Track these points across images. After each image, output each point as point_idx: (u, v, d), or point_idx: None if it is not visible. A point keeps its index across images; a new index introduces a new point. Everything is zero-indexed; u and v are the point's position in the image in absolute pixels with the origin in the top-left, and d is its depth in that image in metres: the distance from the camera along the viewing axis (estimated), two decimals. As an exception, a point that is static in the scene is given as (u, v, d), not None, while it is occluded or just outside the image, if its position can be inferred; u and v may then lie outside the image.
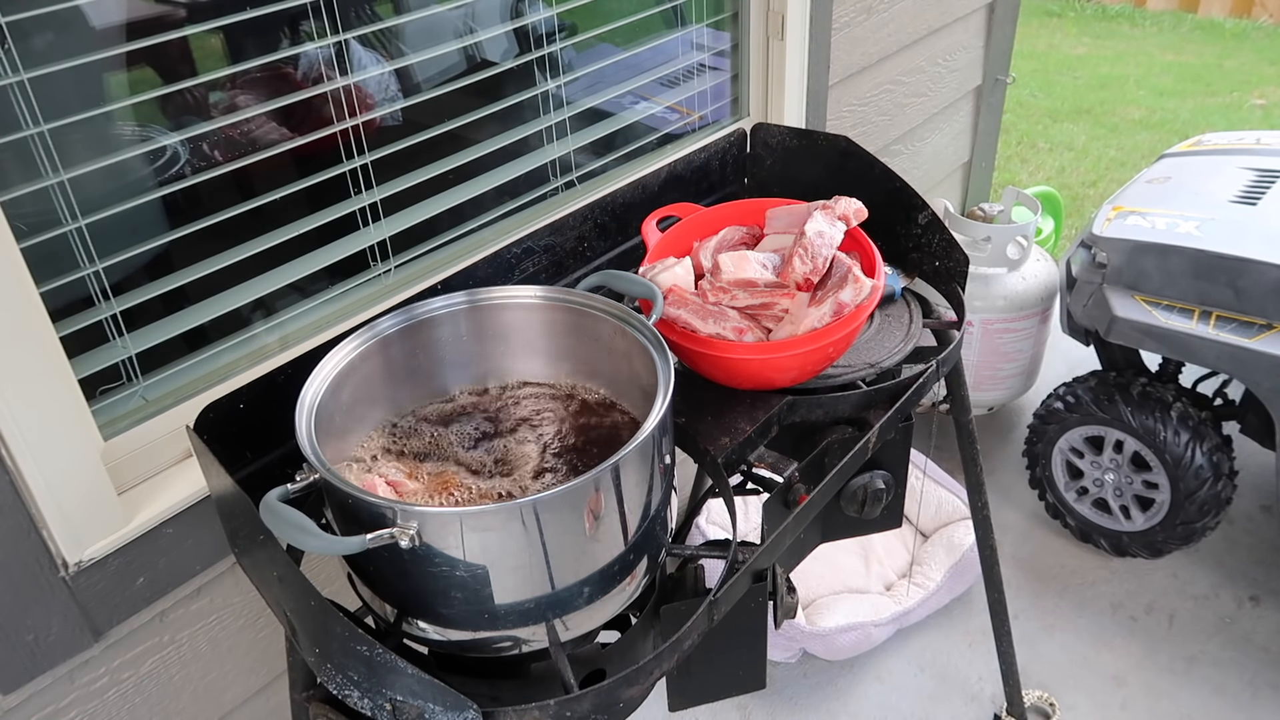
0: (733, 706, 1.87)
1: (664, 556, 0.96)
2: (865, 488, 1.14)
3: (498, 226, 1.47)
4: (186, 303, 1.16)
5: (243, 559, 0.97)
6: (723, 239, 1.21)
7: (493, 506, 0.84)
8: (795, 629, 1.83)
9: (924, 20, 2.16)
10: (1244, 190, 1.90)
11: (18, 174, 0.97)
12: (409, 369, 1.02)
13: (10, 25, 0.93)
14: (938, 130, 2.44)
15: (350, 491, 0.78)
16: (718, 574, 0.94)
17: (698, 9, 1.69)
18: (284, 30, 1.30)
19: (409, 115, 1.37)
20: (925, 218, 1.32)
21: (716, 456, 1.03)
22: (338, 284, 1.30)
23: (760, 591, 0.96)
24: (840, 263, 1.10)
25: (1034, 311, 2.27)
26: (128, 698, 1.15)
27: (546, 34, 1.45)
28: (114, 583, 1.07)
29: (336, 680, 0.79)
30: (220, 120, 1.14)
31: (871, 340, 1.22)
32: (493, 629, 0.84)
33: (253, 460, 1.03)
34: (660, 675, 0.86)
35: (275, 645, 1.30)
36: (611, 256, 1.37)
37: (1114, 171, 3.95)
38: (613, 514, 0.83)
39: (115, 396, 1.11)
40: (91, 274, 1.05)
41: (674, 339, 1.06)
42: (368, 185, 1.28)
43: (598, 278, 1.04)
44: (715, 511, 2.09)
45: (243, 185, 1.20)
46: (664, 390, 0.87)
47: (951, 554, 2.00)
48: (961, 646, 1.97)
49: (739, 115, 1.84)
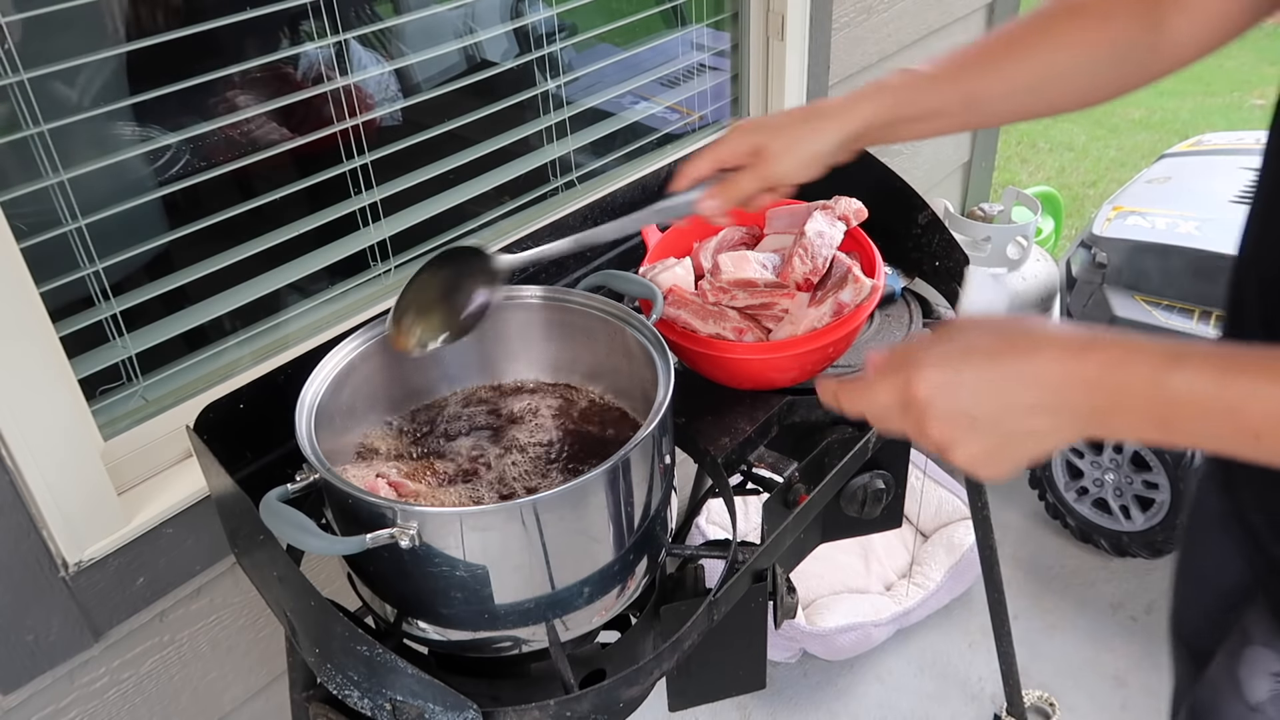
0: (733, 706, 1.87)
1: (664, 556, 0.96)
2: (865, 488, 1.14)
3: (498, 226, 1.47)
4: (186, 303, 1.16)
5: (243, 559, 0.97)
6: (723, 239, 1.21)
7: (493, 506, 0.84)
8: (795, 629, 1.83)
9: (924, 20, 2.16)
10: (1244, 190, 1.90)
11: (18, 174, 0.97)
12: (409, 369, 1.02)
13: (10, 25, 0.93)
14: (938, 130, 2.44)
15: (350, 491, 0.79)
16: (718, 574, 0.94)
17: (698, 9, 1.69)
18: (284, 30, 1.30)
19: (409, 115, 1.37)
20: (925, 218, 1.32)
21: (716, 456, 1.03)
22: (338, 284, 1.30)
23: (760, 591, 0.96)
24: (840, 263, 1.10)
25: (1034, 311, 2.27)
26: (128, 698, 1.15)
27: (546, 34, 1.45)
28: (114, 583, 1.07)
29: (336, 680, 0.79)
30: (220, 120, 1.14)
31: (871, 340, 1.22)
32: (493, 629, 0.84)
33: (253, 460, 1.03)
34: (660, 675, 0.86)
35: (275, 645, 1.30)
36: (611, 257, 1.37)
37: (1114, 171, 3.95)
38: (613, 514, 0.83)
39: (115, 396, 1.11)
40: (91, 274, 1.05)
41: (674, 339, 1.06)
42: (368, 185, 1.28)
43: (598, 278, 1.04)
44: (715, 511, 2.09)
45: (243, 185, 1.20)
46: (664, 390, 0.87)
47: (951, 554, 2.00)
48: (961, 646, 1.97)
49: (739, 115, 1.84)
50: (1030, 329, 0.63)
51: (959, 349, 0.63)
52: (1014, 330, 0.63)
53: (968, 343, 0.63)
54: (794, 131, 0.90)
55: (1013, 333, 0.63)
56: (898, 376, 0.64)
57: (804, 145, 0.90)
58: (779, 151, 0.90)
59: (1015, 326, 0.63)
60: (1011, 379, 0.61)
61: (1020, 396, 0.61)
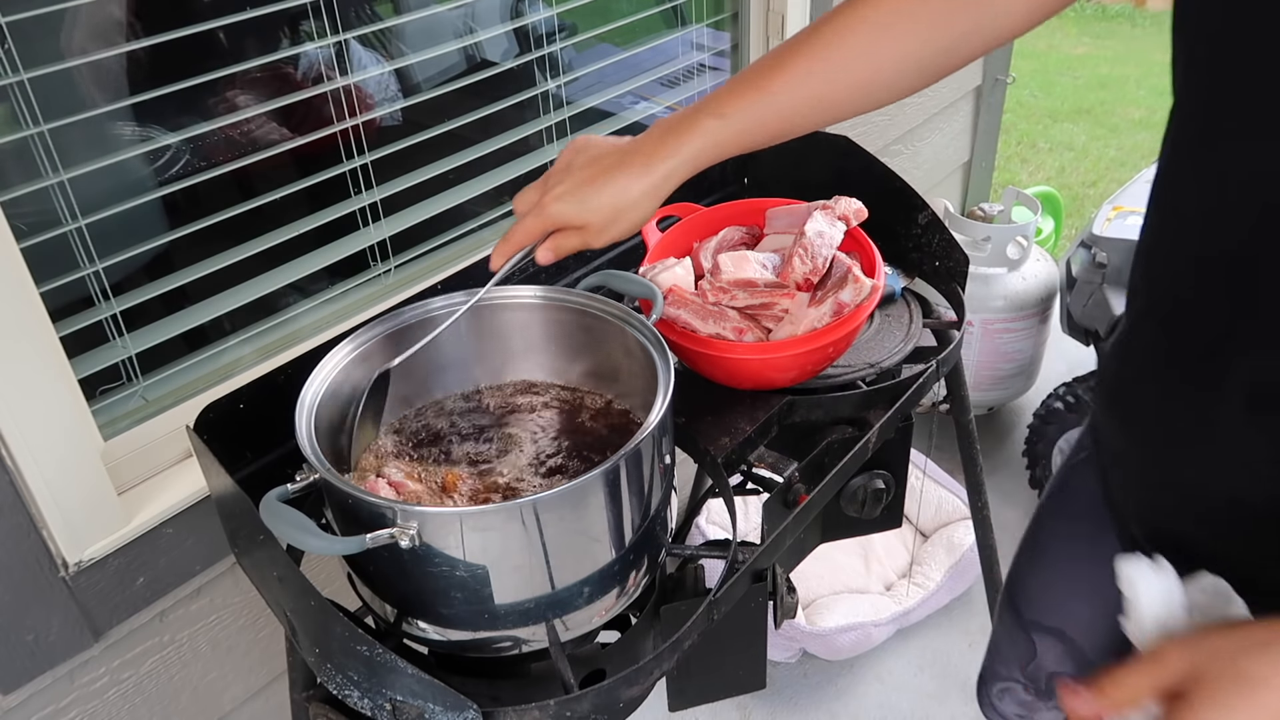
0: (733, 706, 1.87)
1: (664, 556, 0.96)
2: (865, 488, 1.14)
3: (498, 226, 1.47)
4: (186, 303, 1.16)
5: (243, 559, 0.97)
6: (723, 239, 1.21)
7: (493, 506, 0.84)
8: (795, 629, 1.83)
9: (924, 20, 2.15)
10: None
11: (18, 174, 0.97)
12: (409, 369, 1.02)
13: (10, 25, 0.93)
14: (938, 130, 2.44)
15: (350, 491, 0.79)
16: (718, 574, 0.94)
17: (698, 9, 1.69)
18: (284, 30, 1.31)
19: (409, 115, 1.37)
20: (925, 218, 1.32)
21: (716, 456, 1.03)
22: (338, 284, 1.30)
23: (760, 591, 0.96)
24: (840, 263, 1.10)
25: (1034, 311, 2.27)
26: (128, 697, 1.15)
27: (546, 34, 1.45)
28: (114, 583, 1.07)
29: (336, 680, 0.79)
30: (220, 120, 1.14)
31: (871, 340, 1.22)
32: (493, 629, 0.84)
33: (253, 460, 1.03)
34: (660, 675, 0.86)
35: (275, 645, 1.30)
36: (611, 256, 1.37)
37: (1114, 171, 3.95)
38: (613, 514, 0.83)
39: (115, 396, 1.11)
40: (91, 274, 1.05)
41: (674, 339, 1.06)
42: (368, 185, 1.28)
43: (598, 278, 1.04)
44: (715, 511, 2.09)
45: (243, 185, 1.20)
46: (664, 390, 0.87)
47: (951, 554, 2.00)
48: (961, 646, 1.97)
49: (739, 115, 1.84)
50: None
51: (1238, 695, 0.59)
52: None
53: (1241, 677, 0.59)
54: (609, 203, 0.87)
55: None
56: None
57: (624, 218, 0.88)
58: (598, 227, 0.88)
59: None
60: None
61: None
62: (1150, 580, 0.69)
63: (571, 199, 0.87)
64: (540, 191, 0.90)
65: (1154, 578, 0.69)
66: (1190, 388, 0.76)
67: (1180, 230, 0.77)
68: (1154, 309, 0.81)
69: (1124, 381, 0.86)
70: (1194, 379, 0.76)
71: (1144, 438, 0.84)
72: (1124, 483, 0.90)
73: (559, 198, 0.87)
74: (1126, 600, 0.69)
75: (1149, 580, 0.69)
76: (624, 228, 0.89)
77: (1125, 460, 0.88)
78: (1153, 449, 0.83)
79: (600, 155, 0.88)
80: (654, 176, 0.87)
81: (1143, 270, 0.82)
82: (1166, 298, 0.79)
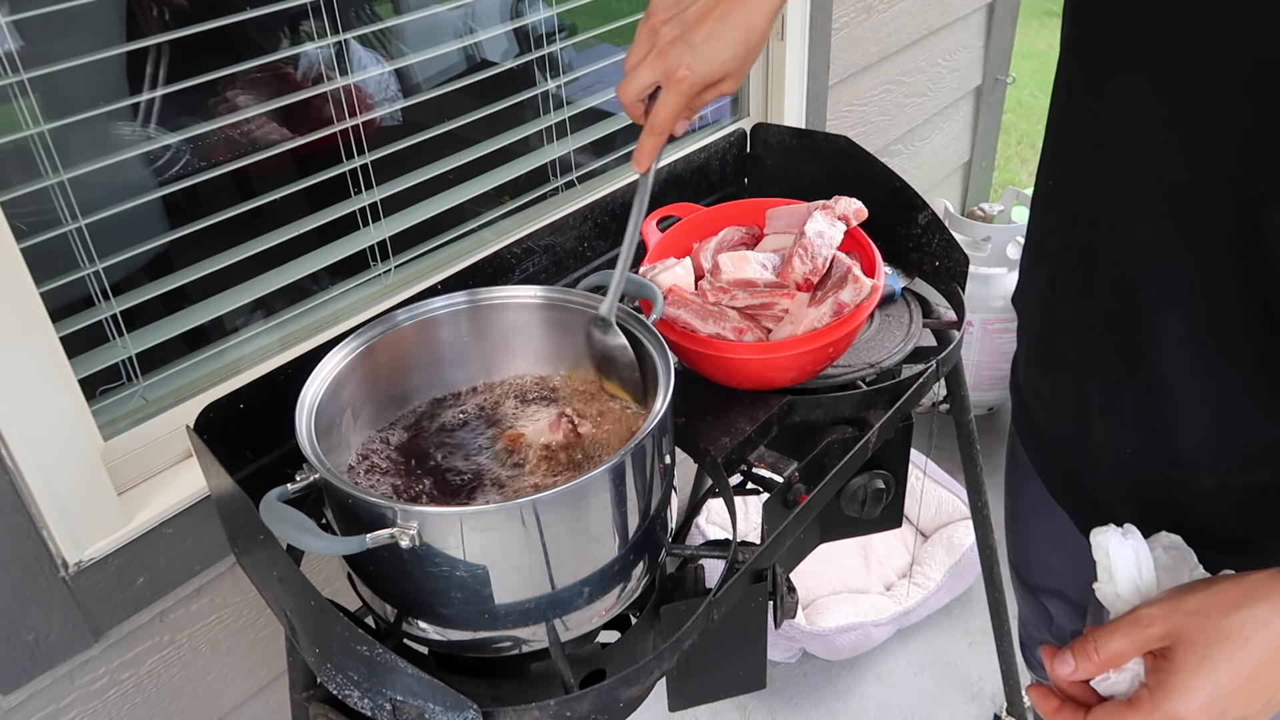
0: (733, 706, 1.87)
1: (664, 556, 0.96)
2: (865, 488, 1.14)
3: (498, 226, 1.47)
4: (186, 303, 1.16)
5: (243, 559, 0.97)
6: (723, 239, 1.21)
7: (493, 506, 0.84)
8: (795, 629, 1.83)
9: (924, 20, 2.16)
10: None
11: (18, 174, 0.97)
12: (409, 369, 1.02)
13: (10, 25, 0.93)
14: (938, 130, 2.44)
15: (350, 491, 0.79)
16: (718, 574, 0.94)
17: (698, 9, 1.69)
18: (284, 30, 1.31)
19: (409, 115, 1.37)
20: (925, 218, 1.32)
21: (716, 456, 1.03)
22: (338, 284, 1.30)
23: (760, 591, 0.96)
24: (840, 263, 1.10)
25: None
26: (128, 697, 1.16)
27: (546, 34, 1.45)
28: (114, 583, 1.07)
29: (336, 680, 0.79)
30: (220, 120, 1.14)
31: (871, 340, 1.22)
32: (493, 629, 0.84)
33: (253, 460, 1.03)
34: (660, 675, 0.86)
35: (275, 645, 1.30)
36: (612, 257, 1.37)
37: (1114, 171, 3.94)
38: (613, 514, 0.83)
39: (115, 396, 1.11)
40: (91, 274, 1.05)
41: (674, 339, 1.06)
42: (368, 185, 1.28)
43: (598, 278, 1.04)
44: (715, 511, 2.09)
45: (243, 185, 1.20)
46: (664, 390, 0.87)
47: (951, 554, 2.00)
48: (961, 646, 1.97)
49: (739, 115, 1.84)
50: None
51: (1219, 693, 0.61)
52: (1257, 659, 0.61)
53: (1219, 682, 0.61)
54: (741, 38, 0.79)
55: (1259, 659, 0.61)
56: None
57: (755, 53, 0.80)
58: (737, 74, 0.80)
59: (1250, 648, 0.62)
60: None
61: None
62: (1121, 546, 0.72)
63: (706, 50, 0.78)
64: (657, 56, 0.79)
65: (1124, 543, 0.72)
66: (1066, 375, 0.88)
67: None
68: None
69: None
70: (1066, 366, 0.87)
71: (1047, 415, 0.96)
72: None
73: (695, 55, 0.78)
74: (1100, 567, 0.73)
75: (1120, 547, 0.72)
76: (752, 63, 0.82)
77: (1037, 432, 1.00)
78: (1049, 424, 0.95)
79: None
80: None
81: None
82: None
